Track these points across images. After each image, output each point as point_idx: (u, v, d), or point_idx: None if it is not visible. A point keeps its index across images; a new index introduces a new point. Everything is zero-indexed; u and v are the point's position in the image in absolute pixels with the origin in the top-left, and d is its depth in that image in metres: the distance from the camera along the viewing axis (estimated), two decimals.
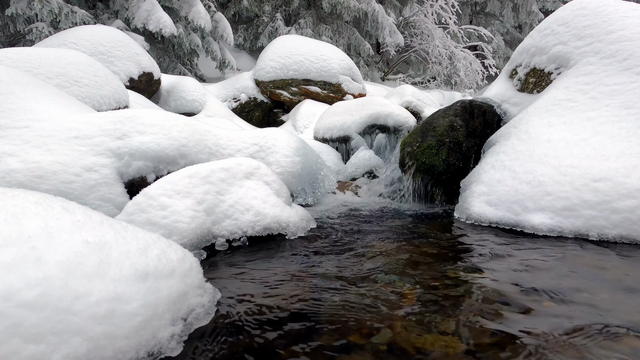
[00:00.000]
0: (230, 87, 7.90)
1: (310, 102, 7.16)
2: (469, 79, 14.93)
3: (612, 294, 1.42)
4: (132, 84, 5.72)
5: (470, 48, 16.23)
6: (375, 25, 14.13)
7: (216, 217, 2.03)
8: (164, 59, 10.13)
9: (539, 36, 3.38)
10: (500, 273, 1.64)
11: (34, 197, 1.17)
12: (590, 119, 2.55)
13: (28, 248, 0.96)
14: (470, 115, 3.29)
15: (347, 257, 1.88)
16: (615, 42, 2.82)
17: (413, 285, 1.52)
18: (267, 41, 12.50)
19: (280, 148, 2.99)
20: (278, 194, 2.35)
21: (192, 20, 9.68)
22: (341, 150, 4.63)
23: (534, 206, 2.28)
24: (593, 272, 1.62)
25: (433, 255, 1.90)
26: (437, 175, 3.09)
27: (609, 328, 1.18)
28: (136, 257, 1.14)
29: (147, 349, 1.01)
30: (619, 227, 2.01)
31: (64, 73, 3.71)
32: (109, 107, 4.00)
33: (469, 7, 19.22)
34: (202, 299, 1.28)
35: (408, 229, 2.44)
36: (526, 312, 1.29)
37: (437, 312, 1.30)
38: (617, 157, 2.24)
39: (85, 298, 0.95)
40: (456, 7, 15.05)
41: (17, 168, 2.02)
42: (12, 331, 0.83)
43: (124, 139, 2.43)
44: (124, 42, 5.85)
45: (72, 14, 7.53)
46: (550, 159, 2.42)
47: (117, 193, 2.23)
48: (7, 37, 8.46)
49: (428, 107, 5.57)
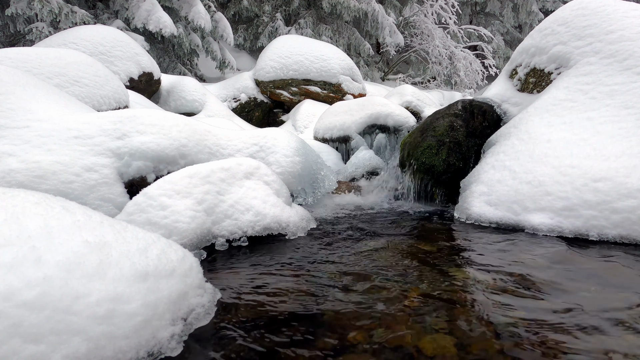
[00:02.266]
0: (230, 87, 7.90)
1: (310, 102, 7.15)
2: (469, 79, 14.93)
3: (613, 293, 1.42)
4: (132, 84, 5.72)
5: (470, 48, 16.22)
6: (375, 25, 14.12)
7: (216, 217, 2.03)
8: (164, 59, 10.12)
9: (539, 36, 3.38)
10: (500, 273, 1.64)
11: (34, 197, 1.17)
12: (590, 119, 2.55)
13: (28, 248, 0.96)
14: (470, 115, 3.29)
15: (347, 257, 1.88)
16: (615, 42, 2.82)
17: (413, 285, 1.52)
18: (267, 41, 12.50)
19: (280, 148, 2.99)
20: (278, 194, 2.35)
21: (192, 20, 9.68)
22: (341, 150, 4.63)
23: (534, 206, 2.28)
24: (593, 272, 1.62)
25: (433, 255, 1.90)
26: (437, 175, 3.09)
27: (609, 325, 1.19)
28: (136, 257, 1.14)
29: (147, 349, 1.01)
30: (619, 227, 2.01)
31: (64, 73, 3.71)
32: (109, 107, 4.00)
33: (469, 7, 19.22)
34: (202, 299, 1.28)
35: (408, 229, 2.44)
36: (526, 312, 1.29)
37: (437, 312, 1.30)
38: (617, 157, 2.24)
39: (85, 298, 0.95)
40: (456, 7, 15.05)
41: (17, 168, 2.02)
42: (12, 331, 0.83)
43: (124, 139, 2.43)
44: (124, 42, 5.85)
45: (72, 14, 7.53)
46: (550, 159, 2.42)
47: (117, 193, 2.23)
48: (7, 37, 8.46)
49: (428, 107, 5.57)
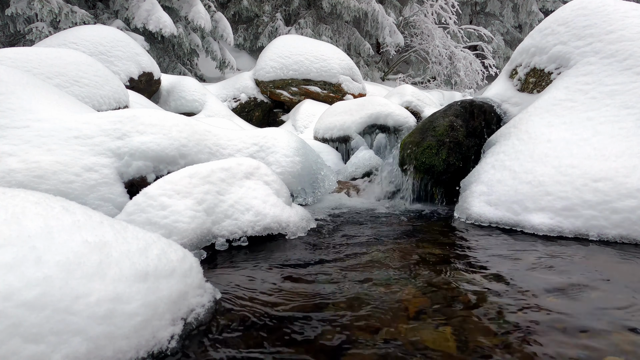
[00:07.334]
0: (230, 87, 7.90)
1: (310, 102, 7.16)
2: (469, 79, 14.93)
3: (613, 292, 1.42)
4: (132, 84, 5.72)
5: (470, 48, 16.22)
6: (375, 25, 14.13)
7: (216, 217, 2.03)
8: (164, 59, 10.13)
9: (539, 36, 3.37)
10: (500, 273, 1.64)
11: (34, 197, 1.17)
12: (591, 119, 2.55)
13: (28, 248, 0.96)
14: (470, 115, 3.29)
15: (347, 257, 1.88)
16: (615, 42, 2.82)
17: (413, 285, 1.52)
18: (267, 41, 12.50)
19: (280, 148, 2.99)
20: (278, 194, 2.35)
21: (192, 20, 9.68)
22: (341, 150, 4.63)
23: (534, 206, 2.28)
24: (593, 272, 1.62)
25: (433, 254, 1.90)
26: (437, 175, 3.09)
27: (610, 324, 1.19)
28: (136, 257, 1.14)
29: (147, 349, 1.01)
30: (619, 227, 2.01)
31: (64, 73, 3.71)
32: (109, 107, 4.00)
33: (469, 7, 19.22)
34: (202, 299, 1.28)
35: (408, 229, 2.44)
36: (527, 312, 1.29)
37: (437, 312, 1.30)
38: (617, 157, 2.24)
39: (85, 298, 0.95)
40: (456, 7, 15.05)
41: (17, 168, 2.02)
42: (12, 331, 0.83)
43: (124, 139, 2.43)
44: (124, 42, 5.85)
45: (72, 14, 7.53)
46: (550, 159, 2.42)
47: (117, 193, 2.23)
48: (7, 37, 8.46)
49: (428, 107, 5.57)
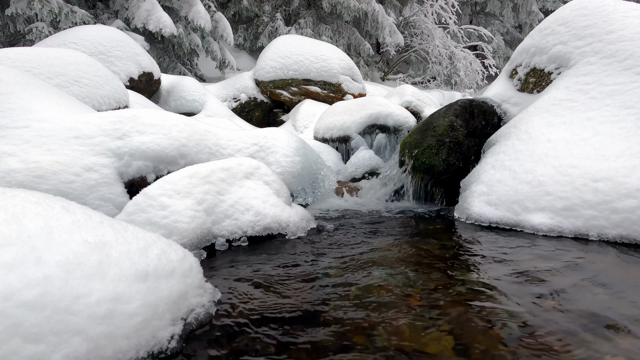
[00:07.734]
0: (230, 87, 7.90)
1: (310, 102, 7.15)
2: (469, 79, 14.92)
3: (613, 292, 1.42)
4: (132, 84, 5.72)
5: (470, 48, 16.21)
6: (375, 25, 14.12)
7: (216, 217, 2.03)
8: (164, 59, 10.12)
9: (539, 36, 3.37)
10: (500, 273, 1.64)
11: (34, 197, 1.17)
12: (591, 119, 2.55)
13: (28, 248, 0.96)
14: (470, 115, 3.29)
15: (347, 257, 1.88)
16: (615, 42, 2.82)
17: (413, 284, 1.52)
18: (267, 41, 12.49)
19: (280, 148, 2.99)
20: (278, 194, 2.35)
21: (192, 20, 9.67)
22: (341, 150, 4.62)
23: (534, 206, 2.28)
24: (593, 272, 1.62)
25: (433, 255, 1.90)
26: (437, 175, 3.09)
27: (610, 325, 1.18)
28: (136, 257, 1.14)
29: (147, 348, 1.01)
30: (619, 227, 2.01)
31: (64, 73, 3.71)
32: (109, 107, 4.00)
33: (469, 7, 19.21)
34: (202, 299, 1.28)
35: (408, 229, 2.44)
36: (527, 311, 1.29)
37: (437, 312, 1.30)
38: (617, 157, 2.24)
39: (85, 298, 0.95)
40: (456, 7, 15.04)
41: (17, 168, 2.02)
42: (12, 331, 0.83)
43: (124, 139, 2.43)
44: (124, 42, 5.85)
45: (72, 14, 7.52)
46: (550, 159, 2.42)
47: (117, 193, 2.23)
48: (7, 37, 8.46)
49: (428, 107, 5.57)
